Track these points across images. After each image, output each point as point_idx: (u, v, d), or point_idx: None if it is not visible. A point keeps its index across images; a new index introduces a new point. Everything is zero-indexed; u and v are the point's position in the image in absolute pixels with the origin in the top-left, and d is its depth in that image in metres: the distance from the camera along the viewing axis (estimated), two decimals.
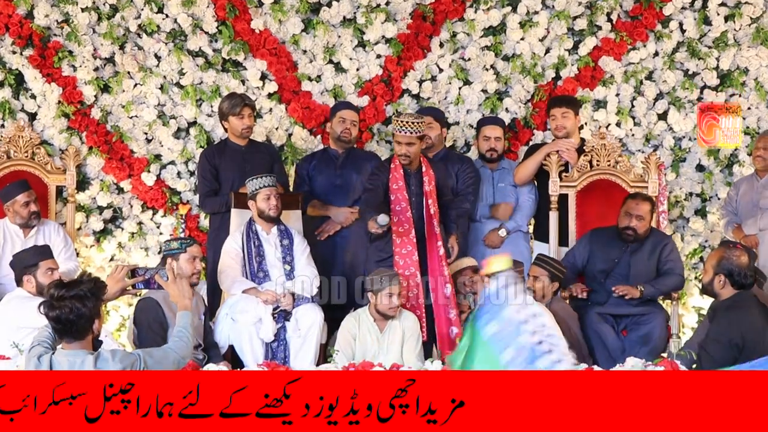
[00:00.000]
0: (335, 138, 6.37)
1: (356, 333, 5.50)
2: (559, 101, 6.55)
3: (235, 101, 6.19)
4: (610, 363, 5.17)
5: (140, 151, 6.73)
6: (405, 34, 6.85)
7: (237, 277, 5.74)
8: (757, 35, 6.93)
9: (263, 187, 5.80)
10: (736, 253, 4.85)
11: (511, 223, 6.42)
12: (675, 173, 6.94)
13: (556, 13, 6.86)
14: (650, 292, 5.81)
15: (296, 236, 5.91)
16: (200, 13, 6.74)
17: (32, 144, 6.49)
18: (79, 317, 3.75)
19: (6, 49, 6.64)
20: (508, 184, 6.50)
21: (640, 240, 5.91)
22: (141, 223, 6.77)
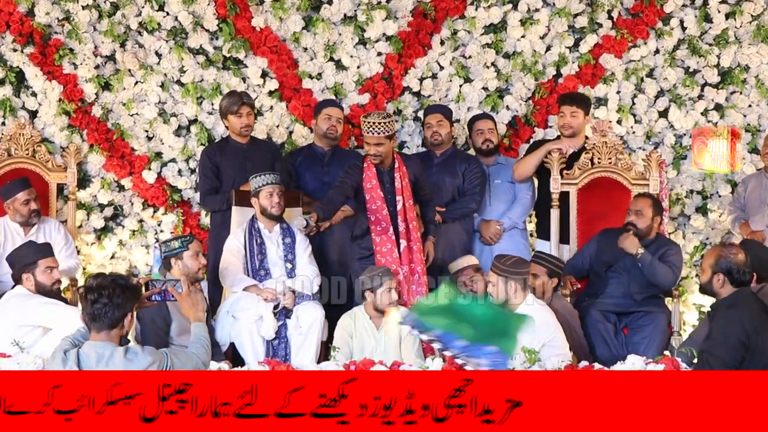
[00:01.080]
0: (321, 135, 6.37)
1: (353, 331, 5.49)
2: (570, 99, 6.48)
3: (233, 100, 6.19)
4: (611, 360, 5.16)
5: (141, 148, 6.73)
6: (406, 31, 6.85)
7: (238, 274, 5.75)
8: (757, 32, 6.93)
9: (266, 185, 5.80)
10: (733, 251, 4.85)
11: (507, 221, 6.41)
12: (676, 171, 6.94)
13: (557, 11, 6.86)
14: (647, 259, 5.78)
15: (298, 234, 5.91)
16: (201, 11, 6.74)
17: (33, 142, 6.49)
18: (116, 305, 3.75)
19: (7, 46, 6.64)
20: (504, 180, 6.49)
21: (645, 239, 5.91)
22: (142, 220, 6.77)
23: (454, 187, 6.30)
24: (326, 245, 6.18)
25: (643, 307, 5.81)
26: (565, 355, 5.16)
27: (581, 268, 6.10)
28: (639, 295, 5.84)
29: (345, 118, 6.57)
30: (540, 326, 5.18)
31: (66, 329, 5.08)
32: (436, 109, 6.44)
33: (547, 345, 5.15)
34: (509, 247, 6.21)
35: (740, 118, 6.94)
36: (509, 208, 6.45)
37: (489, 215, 6.44)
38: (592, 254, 6.04)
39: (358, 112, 6.78)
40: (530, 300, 5.31)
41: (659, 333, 5.72)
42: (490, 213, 6.46)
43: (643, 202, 5.96)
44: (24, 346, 4.94)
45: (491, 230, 6.37)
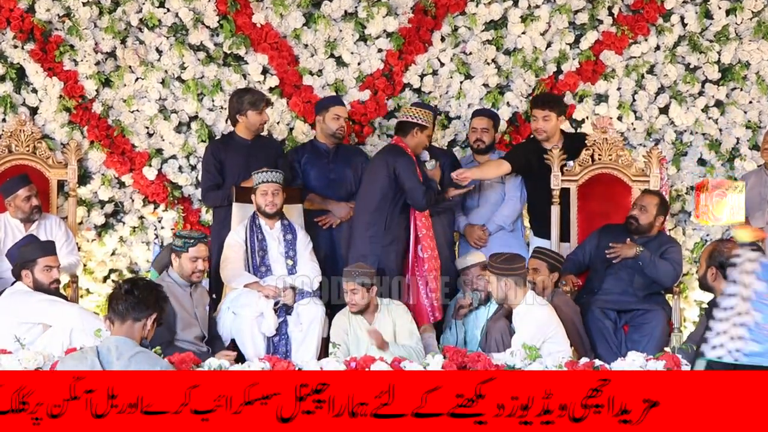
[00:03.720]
0: (329, 134, 6.35)
1: (348, 328, 5.49)
2: (541, 102, 6.41)
3: (258, 96, 6.20)
4: (611, 357, 5.17)
5: (141, 145, 6.73)
6: (406, 28, 6.84)
7: (239, 271, 5.75)
8: (758, 29, 6.93)
9: (263, 182, 5.80)
10: (728, 245, 4.85)
11: (492, 225, 6.42)
12: (676, 167, 6.94)
13: (558, 7, 6.86)
14: (646, 257, 5.79)
15: (299, 231, 5.92)
16: (201, 8, 6.73)
17: (34, 138, 6.49)
18: (141, 300, 3.83)
19: (7, 43, 6.63)
20: (495, 180, 6.47)
21: (645, 235, 5.91)
22: (142, 217, 6.77)
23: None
24: (337, 243, 6.19)
25: (643, 304, 5.82)
26: (566, 352, 5.17)
27: (581, 263, 6.10)
28: (640, 292, 5.85)
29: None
30: (541, 324, 5.21)
31: (66, 326, 5.13)
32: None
33: (548, 341, 5.15)
34: (500, 248, 6.19)
35: (741, 114, 6.94)
36: (497, 210, 6.45)
37: (478, 216, 6.46)
38: (593, 250, 6.05)
39: (359, 109, 6.79)
40: (530, 299, 5.30)
41: (659, 330, 5.72)
42: (478, 213, 6.48)
43: (650, 198, 5.99)
44: (24, 343, 4.94)
45: (475, 235, 6.38)
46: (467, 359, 4.76)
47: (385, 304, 5.55)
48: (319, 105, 6.46)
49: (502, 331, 5.37)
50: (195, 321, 5.40)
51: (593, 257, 6.03)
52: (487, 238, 6.40)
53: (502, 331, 5.37)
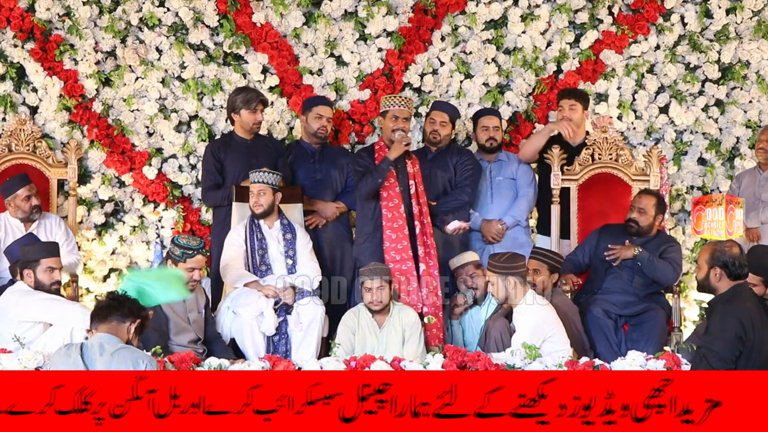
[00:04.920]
0: (310, 133, 6.35)
1: (355, 328, 5.48)
2: (568, 93, 6.52)
3: (252, 96, 6.18)
4: (611, 356, 5.17)
5: (141, 144, 6.73)
6: (406, 27, 6.84)
7: (239, 270, 5.75)
8: (758, 28, 6.93)
9: (254, 182, 5.80)
10: (728, 244, 4.85)
11: (510, 219, 6.39)
12: (676, 166, 6.94)
13: (558, 7, 6.86)
14: (645, 257, 5.79)
15: (299, 231, 5.92)
16: (201, 7, 6.73)
17: (34, 137, 6.49)
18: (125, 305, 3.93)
19: (7, 42, 6.64)
20: (506, 177, 6.48)
21: (645, 236, 5.91)
22: (142, 216, 6.77)
23: (446, 180, 6.26)
24: (319, 244, 6.18)
25: (643, 303, 5.82)
26: (566, 351, 5.17)
27: (581, 263, 6.10)
28: (640, 292, 5.85)
29: (346, 114, 6.56)
30: (540, 323, 5.21)
31: (66, 325, 5.13)
32: (444, 108, 6.38)
33: (548, 341, 5.16)
34: (511, 244, 6.20)
35: (741, 114, 6.94)
36: (512, 205, 6.44)
37: (491, 212, 6.43)
38: (592, 249, 6.05)
39: (359, 109, 6.79)
40: (530, 298, 5.30)
41: (659, 329, 5.72)
42: (492, 210, 6.44)
43: (647, 199, 5.97)
44: (25, 342, 4.94)
45: (493, 230, 6.36)
46: (467, 358, 4.77)
47: (398, 308, 5.53)
48: (305, 104, 6.46)
49: (501, 330, 5.38)
50: (188, 326, 5.38)
51: (593, 257, 6.04)
52: (504, 232, 6.38)
53: (501, 330, 5.38)
